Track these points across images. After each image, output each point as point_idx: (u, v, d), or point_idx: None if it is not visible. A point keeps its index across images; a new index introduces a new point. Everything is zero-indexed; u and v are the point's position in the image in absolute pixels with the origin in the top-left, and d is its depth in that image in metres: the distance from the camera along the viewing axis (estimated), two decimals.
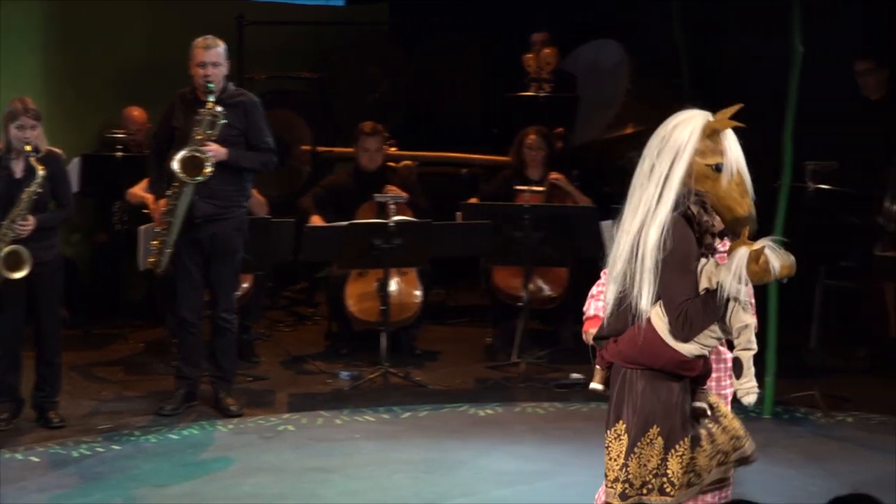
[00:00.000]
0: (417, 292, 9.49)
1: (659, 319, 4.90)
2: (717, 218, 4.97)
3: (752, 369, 4.92)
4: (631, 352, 4.97)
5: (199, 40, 8.05)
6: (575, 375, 9.03)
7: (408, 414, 8.35)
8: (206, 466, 7.39)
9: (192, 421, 8.09)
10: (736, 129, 4.91)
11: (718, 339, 4.96)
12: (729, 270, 4.83)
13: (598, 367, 5.08)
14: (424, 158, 11.03)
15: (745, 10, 11.04)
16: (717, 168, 4.87)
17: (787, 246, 4.88)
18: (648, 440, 4.97)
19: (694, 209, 4.92)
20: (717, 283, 4.83)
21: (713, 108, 4.72)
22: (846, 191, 8.63)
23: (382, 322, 9.01)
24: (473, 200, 9.80)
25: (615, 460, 5.05)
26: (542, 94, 11.11)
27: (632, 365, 4.97)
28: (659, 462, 4.96)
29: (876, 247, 9.20)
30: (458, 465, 7.44)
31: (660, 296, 4.86)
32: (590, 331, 5.30)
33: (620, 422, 5.02)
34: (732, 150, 4.87)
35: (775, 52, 9.24)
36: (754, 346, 4.92)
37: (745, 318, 4.88)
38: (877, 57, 9.38)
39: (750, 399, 4.94)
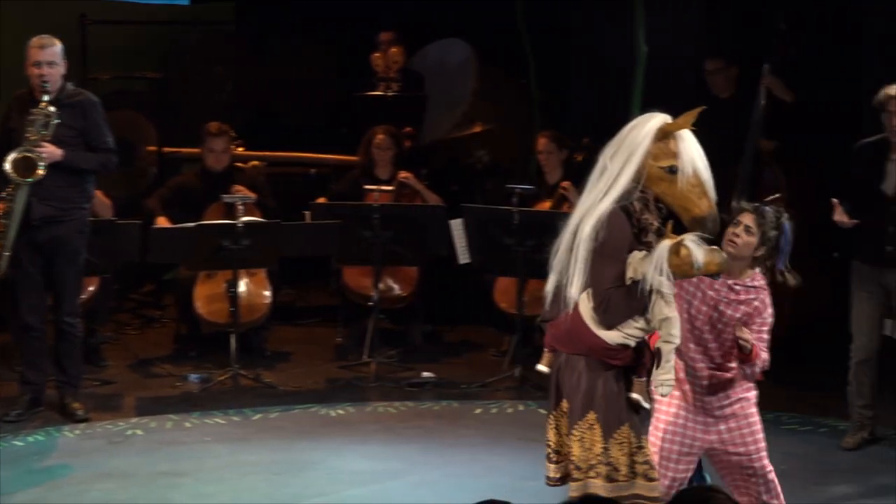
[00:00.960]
0: (267, 293, 9.42)
1: (585, 305, 5.00)
2: (656, 216, 5.06)
3: (671, 362, 5.00)
4: (561, 336, 5.11)
5: (35, 39, 7.91)
6: (426, 374, 9.05)
7: (258, 416, 8.29)
8: (52, 473, 7.25)
9: (37, 427, 7.94)
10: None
11: (644, 330, 5.03)
12: (651, 262, 4.91)
13: (545, 350, 5.22)
14: (272, 159, 10.95)
15: (591, 9, 11.14)
16: (671, 170, 4.95)
17: (713, 242, 4.99)
18: (588, 425, 5.07)
19: (637, 205, 5.01)
20: (641, 274, 4.91)
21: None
22: None
23: (232, 323, 8.93)
24: (322, 200, 9.76)
25: (564, 437, 5.17)
26: (389, 94, 11.10)
27: (564, 349, 5.08)
28: (602, 449, 5.06)
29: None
30: (310, 465, 7.41)
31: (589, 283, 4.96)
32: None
33: (564, 401, 5.13)
34: (687, 152, 4.96)
35: (621, 51, 9.36)
36: (675, 339, 5.00)
37: (665, 311, 4.96)
38: (726, 56, 9.51)
39: (664, 391, 5.04)
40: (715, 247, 5.05)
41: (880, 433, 7.93)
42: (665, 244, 4.92)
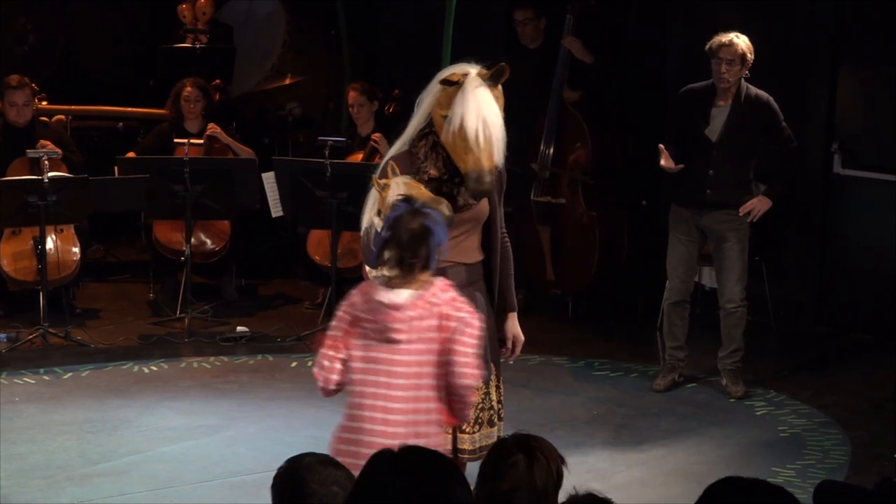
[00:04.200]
0: (76, 249, 9.26)
1: None
2: (436, 164, 5.04)
3: None
4: None
5: None
6: (241, 328, 9.00)
7: (69, 374, 8.16)
8: None
9: None
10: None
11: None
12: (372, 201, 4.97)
13: None
14: (78, 112, 10.74)
15: None
16: (445, 118, 4.93)
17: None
18: None
19: (422, 151, 5.00)
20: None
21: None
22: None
23: (40, 281, 8.76)
24: (130, 154, 9.62)
25: None
26: (198, 46, 10.97)
27: None
28: None
29: (532, 192, 9.45)
30: (124, 423, 7.33)
31: None
32: None
33: None
34: (461, 104, 4.91)
35: (431, 2, 9.37)
36: None
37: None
38: (535, 6, 9.59)
39: None
40: (440, 198, 4.83)
41: (690, 375, 8.14)
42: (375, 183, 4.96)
